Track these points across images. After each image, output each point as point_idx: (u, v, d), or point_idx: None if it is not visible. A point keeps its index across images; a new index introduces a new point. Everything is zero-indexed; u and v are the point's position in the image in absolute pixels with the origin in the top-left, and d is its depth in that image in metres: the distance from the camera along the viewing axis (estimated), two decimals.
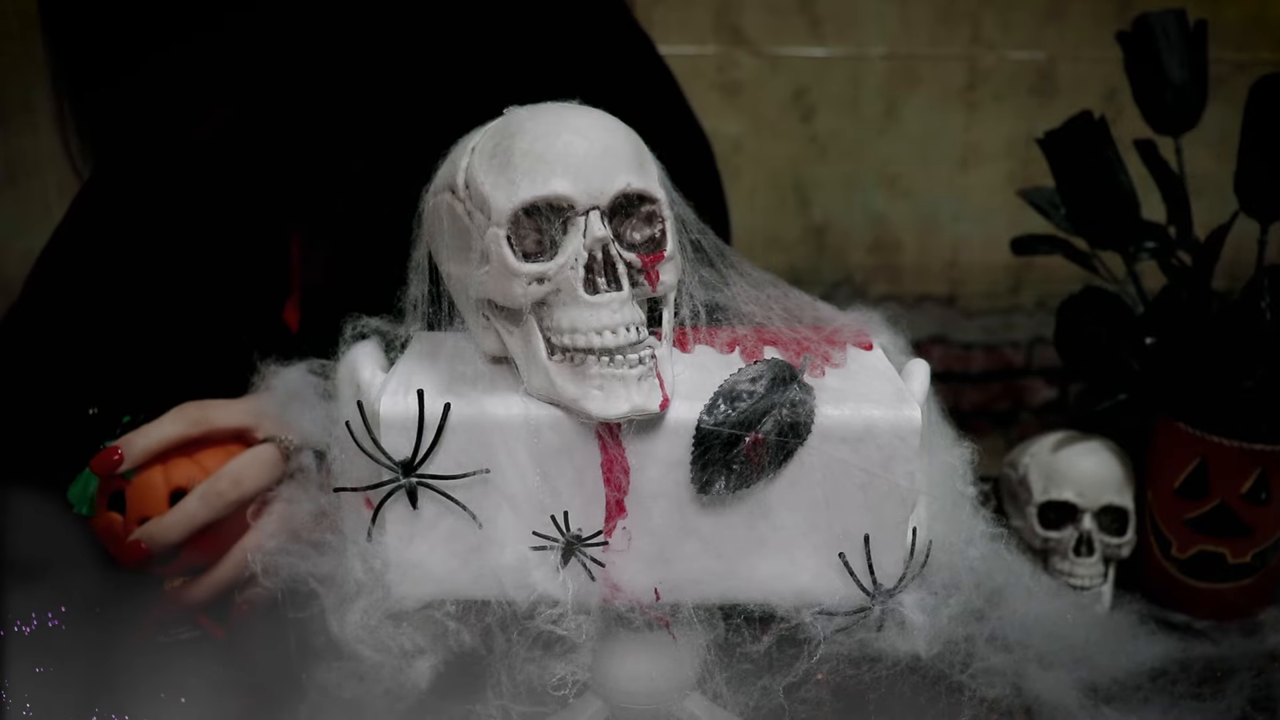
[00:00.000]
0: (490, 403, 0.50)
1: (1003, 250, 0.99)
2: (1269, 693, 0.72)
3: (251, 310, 0.83)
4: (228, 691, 0.66)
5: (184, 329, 0.80)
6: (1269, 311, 0.77)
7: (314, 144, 0.80)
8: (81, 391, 0.73)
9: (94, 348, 0.78)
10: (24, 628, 0.67)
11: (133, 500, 0.67)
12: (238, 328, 0.79)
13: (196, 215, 0.80)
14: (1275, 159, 0.78)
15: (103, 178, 0.83)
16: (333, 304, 0.59)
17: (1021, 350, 1.50)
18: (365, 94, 0.80)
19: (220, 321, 0.80)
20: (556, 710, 0.58)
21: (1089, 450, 0.85)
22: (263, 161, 0.79)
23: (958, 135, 1.40)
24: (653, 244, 0.51)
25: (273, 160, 0.79)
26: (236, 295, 0.82)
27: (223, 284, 0.81)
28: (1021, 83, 1.38)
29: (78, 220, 0.83)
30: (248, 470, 0.65)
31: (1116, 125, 0.81)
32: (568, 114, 0.50)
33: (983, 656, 0.60)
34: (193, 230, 0.80)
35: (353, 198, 0.82)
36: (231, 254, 0.82)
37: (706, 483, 0.49)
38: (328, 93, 0.79)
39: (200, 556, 0.68)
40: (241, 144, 0.79)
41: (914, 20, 1.35)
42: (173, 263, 0.80)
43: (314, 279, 0.85)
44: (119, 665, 0.66)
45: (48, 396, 0.77)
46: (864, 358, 0.56)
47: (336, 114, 0.79)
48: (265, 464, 0.66)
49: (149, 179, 0.81)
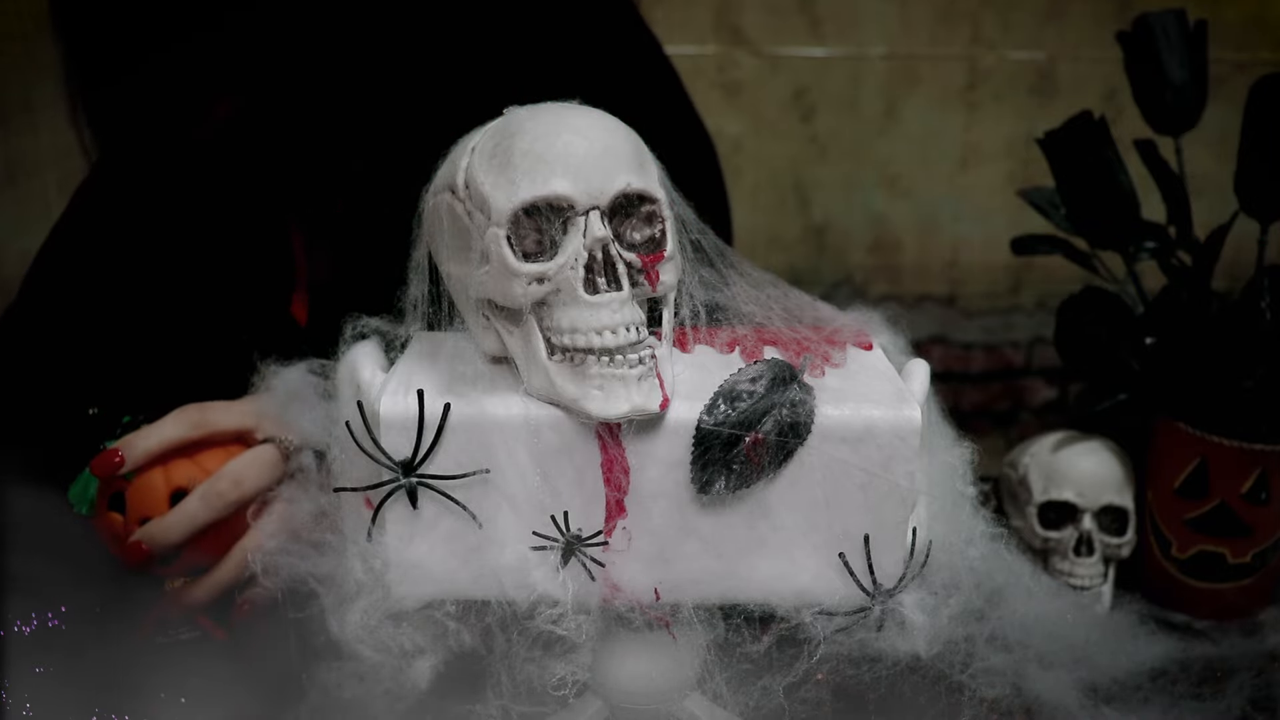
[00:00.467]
0: (490, 403, 0.50)
1: (1003, 250, 0.99)
2: (1269, 693, 0.72)
3: (254, 307, 0.83)
4: (228, 691, 0.66)
5: (185, 326, 0.80)
6: (1269, 311, 0.77)
7: (315, 142, 0.80)
8: (82, 389, 0.73)
9: (94, 345, 0.78)
10: (24, 628, 0.67)
11: (133, 501, 0.67)
12: (239, 325, 0.79)
13: (196, 212, 0.80)
14: (1275, 159, 0.78)
15: (104, 174, 0.83)
16: (340, 299, 0.59)
17: (1021, 350, 1.50)
18: (368, 92, 0.80)
19: (222, 319, 0.80)
20: (556, 710, 0.58)
21: (1089, 450, 0.85)
22: (263, 159, 0.79)
23: (958, 135, 1.40)
24: (653, 244, 0.51)
25: (273, 158, 0.79)
26: (238, 292, 0.82)
27: (224, 281, 0.81)
28: (1021, 83, 1.38)
29: (78, 216, 0.83)
30: (248, 470, 0.65)
31: (1116, 125, 0.81)
32: (568, 114, 0.50)
33: (983, 656, 0.60)
34: (192, 227, 0.81)
35: (353, 196, 0.82)
36: (233, 251, 0.82)
37: (706, 483, 0.49)
38: (330, 91, 0.79)
39: (201, 557, 0.68)
40: (243, 142, 0.79)
41: (914, 20, 1.35)
42: (172, 260, 0.80)
43: (320, 275, 0.85)
44: (119, 665, 0.66)
45: (48, 395, 0.77)
46: (864, 358, 0.56)
47: (338, 112, 0.80)
48: (265, 464, 0.66)
49: (150, 175, 0.81)
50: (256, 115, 0.79)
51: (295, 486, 0.62)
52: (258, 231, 0.83)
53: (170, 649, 0.69)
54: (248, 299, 0.82)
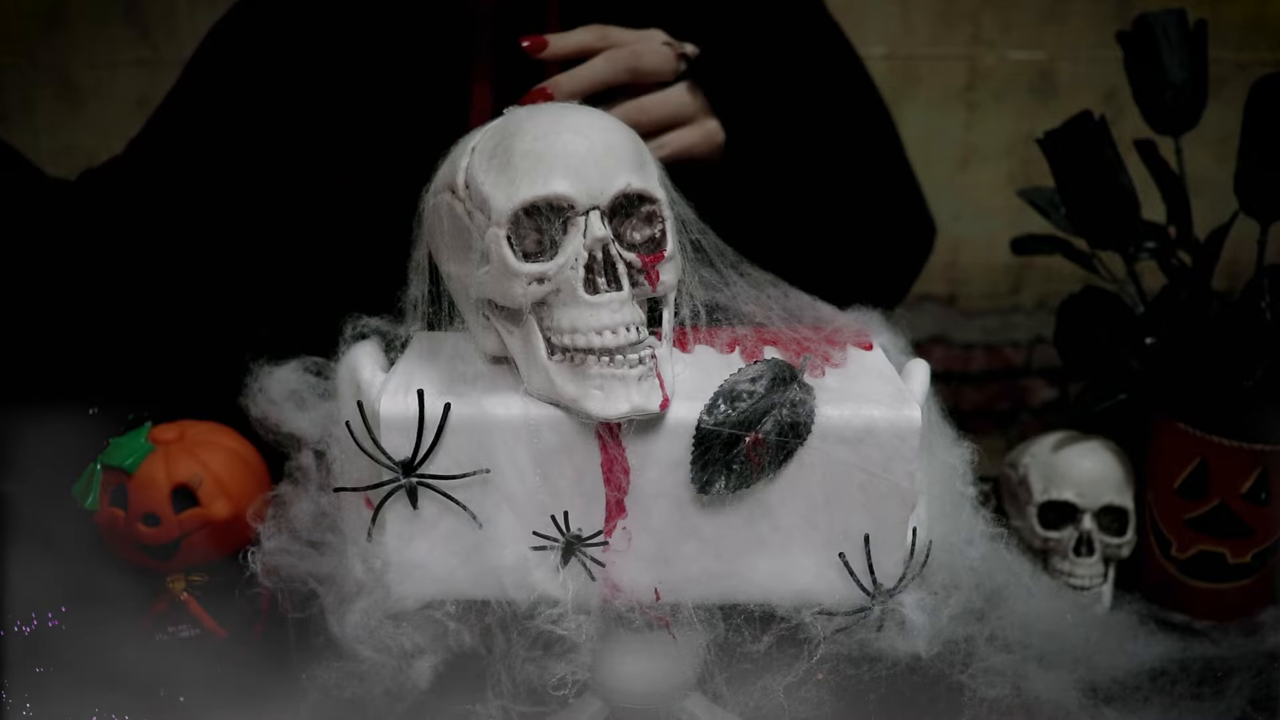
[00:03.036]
0: (490, 403, 0.50)
1: (1003, 250, 0.99)
2: (1269, 693, 0.72)
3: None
4: (228, 691, 0.66)
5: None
6: (1269, 311, 0.77)
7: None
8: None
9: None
10: (24, 628, 0.67)
11: (134, 496, 0.67)
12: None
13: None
14: (1275, 159, 0.78)
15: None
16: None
17: (1021, 350, 1.50)
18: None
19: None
20: (556, 710, 0.58)
21: (1089, 450, 0.85)
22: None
23: (958, 135, 1.40)
24: (653, 244, 0.51)
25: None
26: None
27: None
28: (1021, 83, 1.38)
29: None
30: (647, 47, 0.71)
31: (1116, 125, 0.80)
32: (567, 114, 0.50)
33: (983, 656, 0.60)
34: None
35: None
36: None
37: (706, 483, 0.49)
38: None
39: (200, 554, 0.68)
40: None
41: (914, 20, 1.35)
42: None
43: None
44: (119, 665, 0.66)
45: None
46: (864, 358, 0.56)
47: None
48: (662, 54, 0.71)
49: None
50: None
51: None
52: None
53: (170, 648, 0.69)
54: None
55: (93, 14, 1.29)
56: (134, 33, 1.30)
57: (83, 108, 1.32)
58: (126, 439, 0.69)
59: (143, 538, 0.67)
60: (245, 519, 0.65)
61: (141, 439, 0.69)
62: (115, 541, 0.69)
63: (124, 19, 1.29)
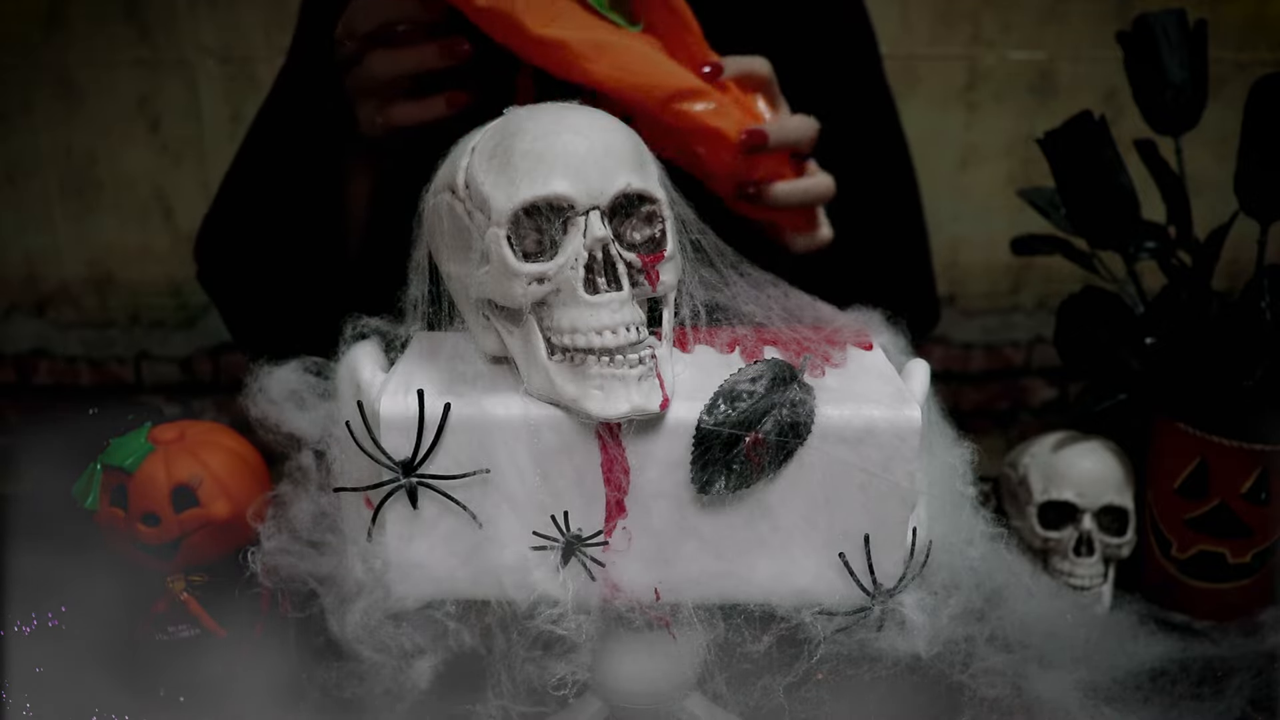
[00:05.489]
0: (490, 403, 0.50)
1: (1003, 250, 0.99)
2: (1269, 693, 0.72)
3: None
4: (228, 691, 0.66)
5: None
6: (1269, 311, 0.77)
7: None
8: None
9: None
10: (24, 628, 0.67)
11: (134, 496, 0.67)
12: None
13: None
14: (1275, 159, 0.78)
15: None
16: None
17: (1021, 350, 1.50)
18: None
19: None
20: (556, 710, 0.59)
21: (1089, 450, 0.85)
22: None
23: (958, 135, 1.40)
24: (653, 244, 0.51)
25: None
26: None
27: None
28: (1021, 83, 1.38)
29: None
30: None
31: (1116, 125, 0.80)
32: (567, 114, 0.50)
33: (983, 656, 0.60)
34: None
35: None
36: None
37: (706, 483, 0.49)
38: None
39: (200, 554, 0.68)
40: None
41: (914, 20, 1.35)
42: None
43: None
44: (119, 665, 0.66)
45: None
46: (864, 358, 0.56)
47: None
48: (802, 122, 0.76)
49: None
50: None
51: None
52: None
53: (170, 648, 0.69)
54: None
55: (92, 14, 1.29)
56: (134, 32, 1.30)
57: (82, 107, 1.32)
58: (126, 439, 0.69)
59: (143, 538, 0.67)
60: (245, 519, 0.65)
61: (141, 439, 0.69)
62: (115, 541, 0.69)
63: (124, 19, 1.29)
